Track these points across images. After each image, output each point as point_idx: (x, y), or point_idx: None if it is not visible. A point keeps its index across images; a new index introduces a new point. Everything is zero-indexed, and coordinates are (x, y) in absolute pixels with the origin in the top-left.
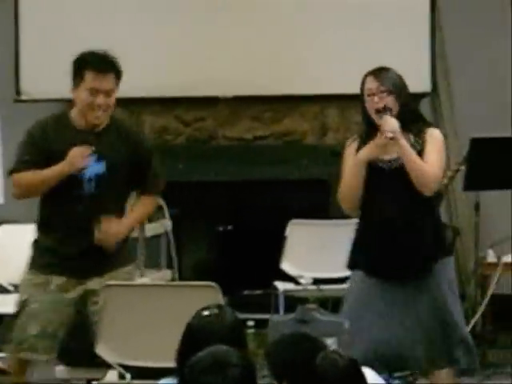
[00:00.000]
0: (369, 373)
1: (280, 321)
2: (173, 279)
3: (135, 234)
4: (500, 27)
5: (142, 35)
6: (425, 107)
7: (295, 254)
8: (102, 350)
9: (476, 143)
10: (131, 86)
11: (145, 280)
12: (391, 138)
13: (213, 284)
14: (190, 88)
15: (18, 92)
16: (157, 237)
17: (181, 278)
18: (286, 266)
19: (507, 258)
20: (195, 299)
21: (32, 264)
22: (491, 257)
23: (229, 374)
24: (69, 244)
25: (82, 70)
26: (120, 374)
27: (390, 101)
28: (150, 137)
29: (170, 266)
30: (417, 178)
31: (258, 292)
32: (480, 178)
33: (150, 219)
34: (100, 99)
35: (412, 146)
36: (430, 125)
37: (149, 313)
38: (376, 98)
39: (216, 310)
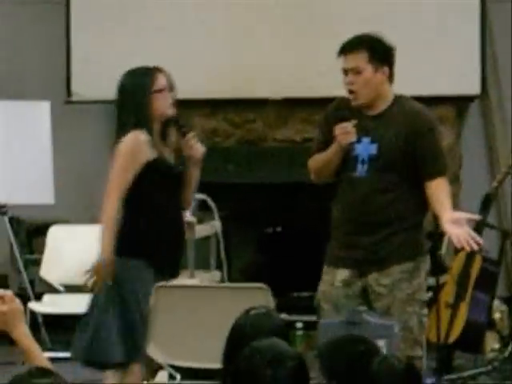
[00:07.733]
0: None
1: (330, 323)
2: (222, 280)
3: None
4: None
5: (192, 38)
6: (474, 111)
7: None
8: (153, 351)
9: None
10: (182, 88)
11: (194, 281)
12: None
13: (263, 286)
14: (240, 90)
15: (69, 93)
16: (206, 238)
17: (230, 280)
18: None
19: None
20: (246, 301)
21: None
22: None
23: (288, 366)
24: (349, 233)
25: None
26: (170, 375)
27: None
28: (200, 139)
29: (219, 268)
30: None
31: (307, 294)
32: None
33: (200, 220)
34: (348, 78)
35: None
36: None
37: (199, 314)
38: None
39: (263, 310)
